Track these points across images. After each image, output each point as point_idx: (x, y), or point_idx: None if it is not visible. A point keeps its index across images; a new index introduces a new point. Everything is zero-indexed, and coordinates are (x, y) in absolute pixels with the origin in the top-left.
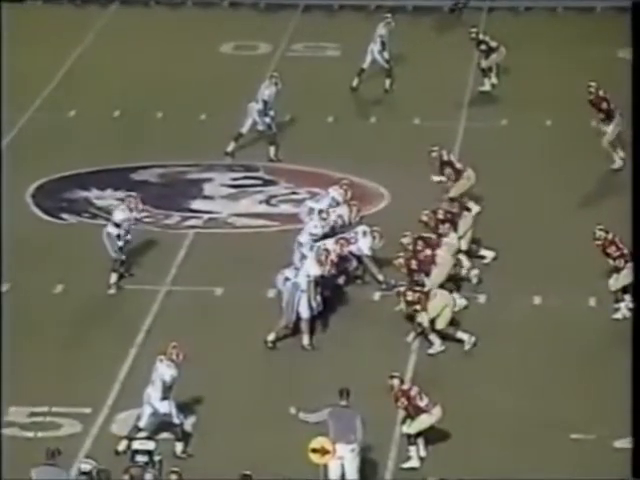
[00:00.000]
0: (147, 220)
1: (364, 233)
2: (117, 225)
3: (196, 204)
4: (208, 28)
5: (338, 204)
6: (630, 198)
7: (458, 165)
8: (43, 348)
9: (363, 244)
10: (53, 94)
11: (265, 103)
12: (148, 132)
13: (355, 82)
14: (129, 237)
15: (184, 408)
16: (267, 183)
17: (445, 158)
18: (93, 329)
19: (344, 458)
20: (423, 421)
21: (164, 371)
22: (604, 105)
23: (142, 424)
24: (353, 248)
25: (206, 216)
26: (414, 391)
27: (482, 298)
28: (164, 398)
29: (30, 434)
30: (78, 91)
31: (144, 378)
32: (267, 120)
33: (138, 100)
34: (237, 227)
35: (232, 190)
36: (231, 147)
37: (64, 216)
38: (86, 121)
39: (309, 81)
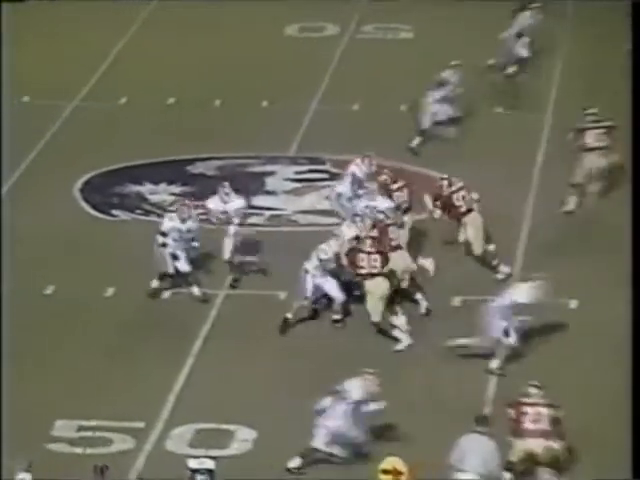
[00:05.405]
0: (204, 217)
1: None
2: (163, 234)
3: (257, 200)
4: (272, 9)
5: (360, 181)
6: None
7: (461, 207)
8: (93, 357)
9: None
10: (102, 81)
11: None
12: (205, 121)
13: (512, 69)
14: (179, 252)
15: (246, 416)
16: (334, 177)
17: (445, 192)
18: (146, 336)
19: None
20: (523, 446)
21: None
22: None
23: None
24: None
25: (268, 213)
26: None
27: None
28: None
29: (78, 450)
30: (129, 77)
31: (201, 390)
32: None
33: (194, 86)
34: (302, 225)
35: (296, 185)
36: (416, 142)
37: (115, 212)
38: (138, 109)
39: (380, 66)
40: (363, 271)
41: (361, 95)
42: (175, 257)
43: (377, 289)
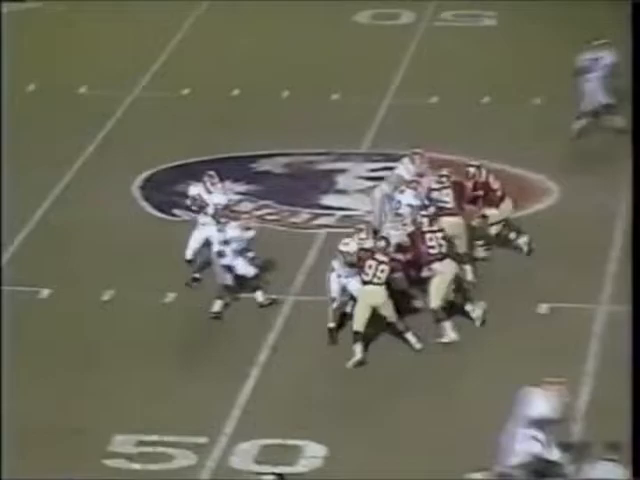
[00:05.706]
0: (270, 218)
1: None
2: (224, 242)
3: (328, 199)
4: None
5: (402, 179)
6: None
7: (498, 191)
8: (152, 367)
9: None
10: (163, 70)
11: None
12: (272, 114)
13: None
14: (235, 261)
15: (316, 431)
16: None
17: (482, 179)
18: (209, 345)
19: None
20: None
21: None
22: None
23: None
24: None
25: (339, 213)
26: None
27: None
28: None
29: (137, 466)
30: (192, 67)
31: (268, 403)
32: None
33: (260, 77)
34: None
35: (370, 183)
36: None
37: (176, 212)
38: (201, 101)
39: (460, 56)
40: (366, 277)
41: (439, 87)
42: (230, 269)
43: (372, 297)
